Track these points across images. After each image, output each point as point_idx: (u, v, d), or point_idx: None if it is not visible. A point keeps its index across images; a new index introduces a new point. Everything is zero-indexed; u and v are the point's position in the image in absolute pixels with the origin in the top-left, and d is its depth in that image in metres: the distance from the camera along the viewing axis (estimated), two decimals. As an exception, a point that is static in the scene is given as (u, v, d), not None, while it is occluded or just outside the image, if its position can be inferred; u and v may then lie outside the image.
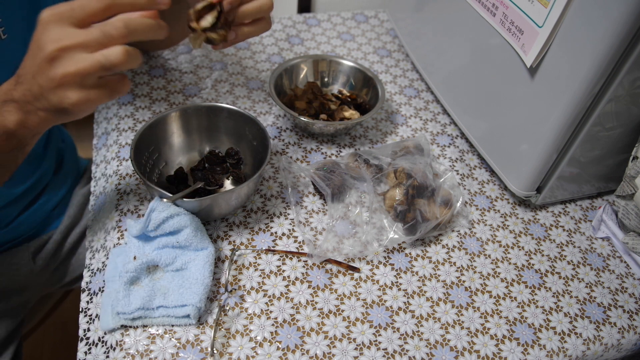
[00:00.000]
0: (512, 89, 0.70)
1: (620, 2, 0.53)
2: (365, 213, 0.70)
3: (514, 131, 0.72)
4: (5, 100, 0.51)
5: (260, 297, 0.62)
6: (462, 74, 0.82)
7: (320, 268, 0.66)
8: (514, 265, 0.70)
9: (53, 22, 0.47)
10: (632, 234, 0.72)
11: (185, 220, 0.61)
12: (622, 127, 0.67)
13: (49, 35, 0.46)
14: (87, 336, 0.59)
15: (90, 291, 0.63)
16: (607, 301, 0.68)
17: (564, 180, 0.73)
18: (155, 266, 0.61)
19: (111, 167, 0.75)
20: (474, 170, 0.83)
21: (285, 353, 0.58)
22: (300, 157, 0.80)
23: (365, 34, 1.08)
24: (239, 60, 0.96)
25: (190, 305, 0.57)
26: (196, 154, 0.76)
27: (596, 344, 0.64)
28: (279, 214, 0.71)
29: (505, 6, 0.67)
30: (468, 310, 0.65)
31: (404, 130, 0.87)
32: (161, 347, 0.57)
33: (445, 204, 0.71)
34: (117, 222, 0.68)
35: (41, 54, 0.47)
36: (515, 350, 0.62)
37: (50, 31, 0.47)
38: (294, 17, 1.10)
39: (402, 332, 0.61)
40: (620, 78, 0.59)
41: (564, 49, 0.61)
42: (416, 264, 0.68)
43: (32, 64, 0.48)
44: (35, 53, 0.47)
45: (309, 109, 0.83)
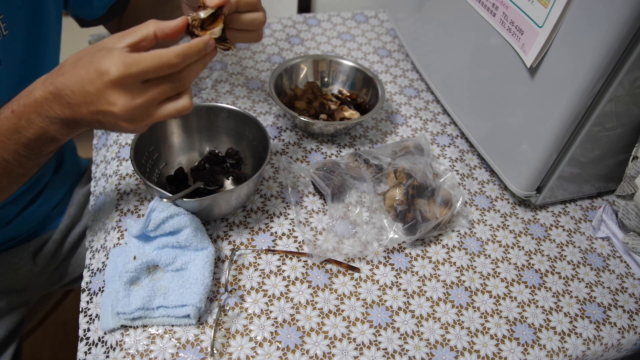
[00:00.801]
0: (512, 89, 0.70)
1: (620, 2, 0.53)
2: (365, 213, 0.70)
3: (514, 131, 0.72)
4: (48, 116, 0.52)
5: (260, 297, 0.62)
6: (462, 74, 0.82)
7: (320, 268, 0.66)
8: (514, 265, 0.70)
9: (125, 83, 0.48)
10: (632, 234, 0.72)
11: (185, 220, 0.61)
12: (622, 127, 0.67)
13: (121, 99, 0.48)
14: (87, 336, 0.59)
15: (90, 291, 0.63)
16: (607, 301, 0.68)
17: (564, 180, 0.73)
18: (155, 266, 0.61)
19: (111, 167, 0.75)
20: (474, 170, 0.83)
21: (285, 353, 0.58)
22: (300, 157, 0.80)
23: (365, 34, 1.08)
24: (239, 60, 0.96)
25: (190, 305, 0.57)
26: (196, 154, 0.76)
27: (596, 344, 0.64)
28: (279, 214, 0.71)
29: (505, 6, 0.67)
30: (468, 310, 0.65)
31: (404, 130, 0.87)
32: (161, 347, 0.57)
33: (445, 204, 0.71)
34: (117, 222, 0.68)
35: (111, 108, 0.49)
36: (515, 350, 0.62)
37: (121, 94, 0.48)
38: (294, 17, 1.10)
39: (402, 332, 0.61)
40: (620, 78, 0.59)
41: (564, 49, 0.61)
42: (416, 264, 0.68)
43: (91, 104, 0.49)
44: (99, 101, 0.49)
45: (309, 109, 0.83)
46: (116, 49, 0.48)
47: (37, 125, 0.52)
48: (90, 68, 0.48)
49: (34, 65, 0.70)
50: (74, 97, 0.49)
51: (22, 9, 0.65)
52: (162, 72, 0.49)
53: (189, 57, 0.50)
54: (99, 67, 0.47)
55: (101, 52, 0.49)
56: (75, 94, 0.49)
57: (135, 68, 0.47)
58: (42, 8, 0.68)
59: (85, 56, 0.49)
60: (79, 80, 0.48)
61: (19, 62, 0.67)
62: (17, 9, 0.64)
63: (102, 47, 0.49)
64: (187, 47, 0.50)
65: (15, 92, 0.68)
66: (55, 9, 0.71)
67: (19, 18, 0.64)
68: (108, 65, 0.47)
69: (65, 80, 0.49)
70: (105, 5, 0.79)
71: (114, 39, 0.50)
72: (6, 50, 0.64)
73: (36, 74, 0.71)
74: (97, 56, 0.48)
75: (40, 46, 0.70)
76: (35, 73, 0.71)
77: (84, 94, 0.49)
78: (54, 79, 0.50)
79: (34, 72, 0.71)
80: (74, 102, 0.49)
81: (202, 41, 0.51)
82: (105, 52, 0.48)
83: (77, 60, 0.50)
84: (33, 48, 0.69)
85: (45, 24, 0.69)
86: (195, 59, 0.51)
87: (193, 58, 0.50)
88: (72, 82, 0.49)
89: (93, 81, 0.48)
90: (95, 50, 0.49)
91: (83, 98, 0.49)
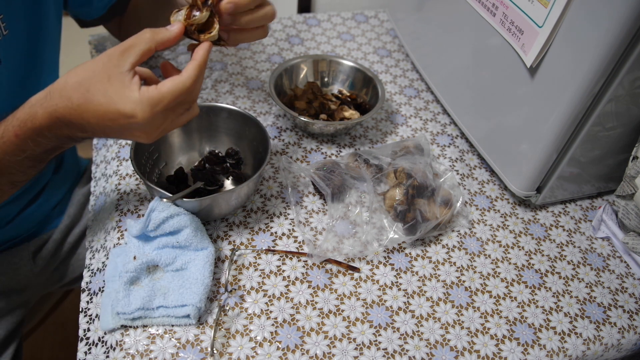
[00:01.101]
0: (512, 89, 0.70)
1: (620, 2, 0.53)
2: (365, 213, 0.70)
3: (514, 131, 0.72)
4: (69, 136, 0.53)
5: (260, 297, 0.62)
6: (462, 74, 0.82)
7: (320, 268, 0.66)
8: (514, 265, 0.70)
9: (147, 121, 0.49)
10: (632, 234, 0.72)
11: (185, 220, 0.61)
12: (622, 127, 0.67)
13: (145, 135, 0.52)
14: (87, 336, 0.59)
15: (90, 291, 0.62)
16: (607, 301, 0.68)
17: (564, 180, 0.73)
18: (155, 266, 0.61)
19: (111, 167, 0.75)
20: (474, 170, 0.83)
21: (285, 353, 0.58)
22: (300, 157, 0.80)
23: (365, 34, 1.08)
24: (239, 60, 0.96)
25: (190, 305, 0.57)
26: (196, 154, 0.76)
27: (596, 344, 0.64)
28: (279, 214, 0.71)
29: (505, 6, 0.67)
30: (468, 310, 0.65)
31: (404, 130, 0.87)
32: (161, 347, 0.57)
33: (445, 204, 0.71)
34: (117, 222, 0.68)
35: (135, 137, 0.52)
36: (515, 350, 0.62)
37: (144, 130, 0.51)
38: (294, 17, 1.10)
39: (402, 332, 0.61)
40: (620, 78, 0.59)
41: (564, 49, 0.61)
42: (416, 264, 0.68)
43: (113, 134, 0.52)
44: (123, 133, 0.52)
45: (309, 109, 0.83)
46: (125, 75, 0.48)
47: (45, 144, 0.53)
48: (111, 107, 0.48)
49: (34, 65, 0.70)
50: (91, 127, 0.51)
51: (22, 8, 0.65)
52: (181, 99, 0.50)
53: (201, 76, 0.52)
54: (123, 110, 0.48)
55: (115, 86, 0.48)
56: (93, 125, 0.50)
57: (160, 107, 0.49)
58: (42, 8, 0.68)
59: (95, 85, 0.49)
60: (98, 117, 0.49)
61: (19, 62, 0.67)
62: (17, 9, 0.64)
63: (109, 75, 0.48)
64: (198, 68, 0.51)
65: (15, 92, 0.68)
66: (56, 9, 0.71)
67: (19, 18, 0.64)
68: (133, 110, 0.48)
69: (78, 113, 0.49)
70: (105, 6, 0.79)
71: (115, 60, 0.49)
72: (6, 50, 0.64)
73: (36, 74, 0.71)
74: (113, 91, 0.48)
75: (40, 46, 0.70)
76: (35, 73, 0.71)
77: (105, 127, 0.50)
78: (59, 106, 0.50)
79: (34, 72, 0.71)
80: (90, 130, 0.51)
81: (206, 52, 0.53)
82: (121, 86, 0.48)
83: (85, 91, 0.49)
84: (33, 48, 0.69)
85: (45, 24, 0.69)
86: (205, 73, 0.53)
87: (204, 74, 0.53)
88: (89, 116, 0.49)
89: (116, 120, 0.49)
90: (103, 78, 0.49)
91: (103, 129, 0.51)
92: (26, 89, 0.70)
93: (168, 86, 0.49)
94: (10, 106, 0.66)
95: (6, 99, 0.66)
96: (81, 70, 0.50)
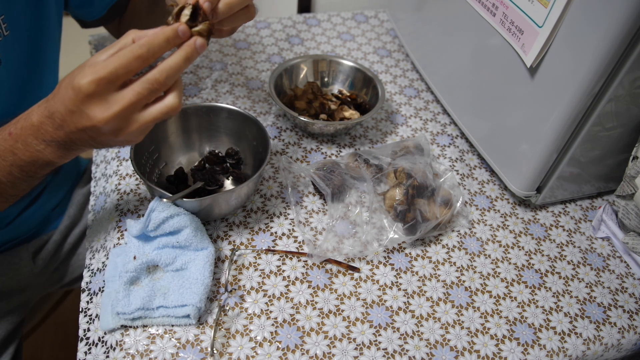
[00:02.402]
0: (512, 89, 0.70)
1: (620, 2, 0.53)
2: (365, 213, 0.70)
3: (514, 131, 0.72)
4: (44, 140, 0.51)
5: (260, 297, 0.62)
6: (462, 74, 0.82)
7: (320, 268, 0.66)
8: (514, 265, 0.70)
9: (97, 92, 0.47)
10: (632, 234, 0.72)
11: (185, 220, 0.61)
12: (622, 127, 0.67)
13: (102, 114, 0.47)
14: (87, 336, 0.59)
15: (90, 291, 0.63)
16: (607, 301, 0.68)
17: (564, 180, 0.73)
18: (155, 266, 0.61)
19: (111, 167, 0.75)
20: (474, 170, 0.83)
21: (285, 353, 0.58)
22: (300, 157, 0.80)
23: (365, 34, 1.08)
24: (239, 60, 0.96)
25: (190, 305, 0.57)
26: (196, 154, 0.76)
27: (596, 344, 0.64)
28: (279, 214, 0.71)
29: (505, 6, 0.67)
30: (468, 310, 0.65)
31: (404, 130, 0.87)
32: (161, 347, 0.57)
33: (445, 204, 0.71)
34: (117, 222, 0.68)
35: (91, 123, 0.48)
36: (515, 350, 0.62)
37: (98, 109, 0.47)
38: (294, 17, 1.10)
39: (402, 332, 0.61)
40: (620, 78, 0.59)
41: (564, 49, 0.61)
42: (416, 264, 0.68)
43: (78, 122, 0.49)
44: (82, 119, 0.48)
45: (309, 109, 0.83)
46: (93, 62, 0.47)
47: (33, 149, 0.52)
48: (69, 87, 0.47)
49: (34, 66, 0.70)
50: (62, 118, 0.49)
51: (23, 9, 0.65)
52: (132, 67, 0.47)
53: (156, 46, 0.47)
54: (74, 83, 0.47)
55: (79, 69, 0.48)
56: (62, 114, 0.49)
57: (102, 71, 0.46)
58: (43, 9, 0.68)
59: (69, 75, 0.49)
60: (62, 101, 0.48)
61: (20, 62, 0.67)
62: (18, 10, 0.64)
63: (84, 63, 0.48)
64: (152, 36, 0.47)
65: (16, 92, 0.68)
66: (56, 9, 0.71)
67: (20, 18, 0.64)
68: (79, 79, 0.46)
69: (54, 102, 0.49)
70: (105, 6, 0.79)
71: (98, 53, 0.49)
72: (7, 51, 0.64)
73: (37, 75, 0.71)
74: (74, 73, 0.48)
75: (41, 47, 0.70)
76: (35, 73, 0.71)
77: (69, 113, 0.48)
78: (48, 102, 0.50)
79: (34, 73, 0.71)
80: (63, 123, 0.49)
81: (172, 28, 0.48)
82: (81, 67, 0.47)
83: (62, 81, 0.49)
84: (34, 48, 0.69)
85: (46, 24, 0.69)
86: (165, 47, 0.48)
87: (162, 46, 0.48)
88: (58, 103, 0.49)
89: (71, 99, 0.47)
90: (79, 67, 0.49)
91: (69, 117, 0.48)
92: (27, 89, 0.70)
93: (115, 54, 0.47)
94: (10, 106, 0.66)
95: (7, 99, 0.66)
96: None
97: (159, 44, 0.48)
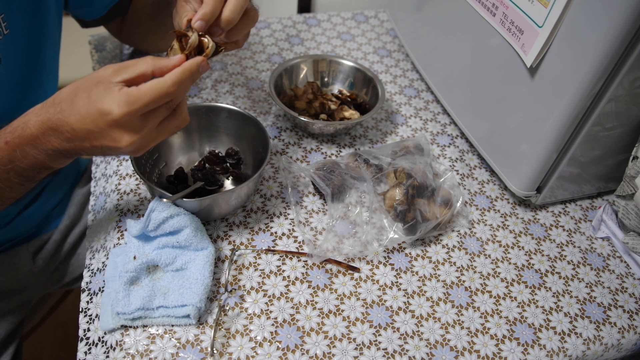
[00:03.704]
0: (512, 89, 0.70)
1: (620, 2, 0.53)
2: (365, 213, 0.70)
3: (514, 131, 0.72)
4: (47, 149, 0.52)
5: (260, 297, 0.62)
6: (462, 74, 0.82)
7: (320, 268, 0.66)
8: (514, 265, 0.70)
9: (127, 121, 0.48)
10: (632, 234, 0.72)
11: (185, 220, 0.61)
12: (622, 127, 0.67)
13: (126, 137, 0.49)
14: (87, 336, 0.59)
15: (90, 291, 0.63)
16: (607, 301, 0.68)
17: (564, 180, 0.73)
18: (155, 266, 0.61)
19: (111, 167, 0.75)
20: (474, 170, 0.83)
21: (285, 353, 0.58)
22: (300, 157, 0.80)
23: (365, 34, 1.08)
24: (239, 60, 0.96)
25: (190, 305, 0.57)
26: (196, 154, 0.76)
27: (596, 343, 0.64)
28: (279, 214, 0.71)
29: (505, 6, 0.67)
30: (468, 310, 0.65)
31: (404, 130, 0.87)
32: (161, 347, 0.57)
33: (445, 204, 0.71)
34: (117, 222, 0.68)
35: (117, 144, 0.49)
36: (515, 350, 0.62)
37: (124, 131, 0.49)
38: (294, 17, 1.10)
39: (402, 332, 0.61)
40: (620, 78, 0.59)
41: (564, 49, 0.61)
42: (416, 264, 0.68)
43: (94, 139, 0.50)
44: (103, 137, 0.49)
45: (309, 109, 0.83)
46: (113, 84, 0.48)
47: (33, 157, 0.52)
48: (91, 107, 0.48)
49: (34, 65, 0.70)
50: (75, 134, 0.49)
51: (23, 8, 0.65)
52: (162, 102, 0.49)
53: (185, 82, 0.50)
54: (101, 108, 0.47)
55: (99, 89, 0.48)
56: (76, 131, 0.49)
57: (137, 105, 0.48)
58: (43, 8, 0.68)
59: (82, 91, 0.49)
60: (80, 119, 0.48)
61: (20, 61, 0.67)
62: (18, 8, 0.64)
63: (98, 81, 0.49)
64: (181, 73, 0.50)
65: (15, 91, 0.68)
66: (56, 8, 0.71)
67: (20, 17, 0.64)
68: (110, 106, 0.47)
69: (64, 117, 0.49)
70: (106, 6, 0.79)
71: (110, 71, 0.49)
72: (7, 50, 0.64)
73: (36, 74, 0.71)
74: (96, 93, 0.48)
75: (40, 46, 0.70)
76: (35, 73, 0.71)
77: (86, 132, 0.49)
78: (51, 114, 0.50)
79: (34, 72, 0.71)
80: (75, 137, 0.50)
81: (195, 63, 0.51)
82: (104, 89, 0.48)
83: (73, 96, 0.49)
84: (33, 48, 0.69)
85: (46, 23, 0.69)
86: (192, 83, 0.52)
87: (189, 82, 0.51)
88: (72, 119, 0.49)
89: (95, 120, 0.48)
90: (91, 84, 0.49)
91: (85, 135, 0.49)
92: (26, 88, 0.70)
93: (148, 85, 0.48)
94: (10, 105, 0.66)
95: (6, 99, 0.66)
96: (76, 81, 0.51)
97: (187, 81, 0.51)
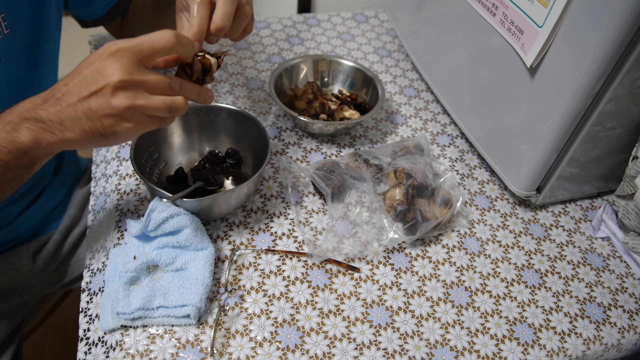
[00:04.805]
0: (512, 89, 0.70)
1: (620, 2, 0.53)
2: (365, 213, 0.70)
3: (514, 131, 0.72)
4: (26, 118, 0.49)
5: (260, 297, 0.62)
6: (462, 74, 0.82)
7: (320, 268, 0.66)
8: (514, 265, 0.70)
9: (121, 54, 0.48)
10: (632, 234, 0.72)
11: (185, 220, 0.61)
12: (622, 127, 0.67)
13: (117, 66, 0.47)
14: (87, 336, 0.59)
15: (90, 291, 0.63)
16: (607, 301, 0.68)
17: (564, 180, 0.73)
18: (155, 266, 0.61)
19: (111, 167, 0.75)
20: (474, 170, 0.83)
21: (285, 353, 0.58)
22: (300, 157, 0.80)
23: (365, 34, 1.08)
24: (239, 60, 0.96)
25: (190, 305, 0.57)
26: (196, 154, 0.76)
27: (596, 343, 0.64)
28: (279, 214, 0.71)
29: (505, 6, 0.67)
30: (468, 310, 0.65)
31: (404, 130, 0.87)
32: (161, 347, 0.57)
33: (445, 204, 0.71)
34: (117, 222, 0.68)
35: (104, 81, 0.47)
36: (515, 350, 0.62)
37: (118, 62, 0.47)
38: (294, 17, 1.10)
39: (402, 332, 0.61)
40: (620, 78, 0.59)
41: (564, 49, 0.61)
42: (416, 264, 0.68)
43: (84, 87, 0.48)
44: (94, 78, 0.47)
45: (309, 109, 0.83)
46: None
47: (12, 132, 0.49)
48: (85, 59, 0.49)
49: (34, 65, 0.70)
50: (66, 89, 0.48)
51: (23, 7, 0.65)
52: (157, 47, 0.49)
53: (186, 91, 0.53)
54: (95, 52, 0.49)
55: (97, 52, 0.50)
56: (67, 85, 0.48)
57: (128, 43, 0.48)
58: (43, 7, 0.68)
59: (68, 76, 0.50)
60: (75, 73, 0.49)
61: (19, 61, 0.67)
62: (18, 8, 0.64)
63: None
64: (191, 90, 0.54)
65: (15, 91, 0.68)
66: (57, 8, 0.71)
67: (20, 17, 0.64)
68: (103, 46, 0.48)
69: (59, 85, 0.50)
70: (105, 6, 0.79)
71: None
72: (6, 49, 0.64)
73: (36, 74, 0.71)
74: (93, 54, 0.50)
75: (40, 45, 0.70)
76: (35, 72, 0.71)
77: (82, 77, 0.48)
78: (42, 94, 0.50)
79: (34, 72, 0.71)
80: (65, 92, 0.48)
81: (203, 91, 0.56)
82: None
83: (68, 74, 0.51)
84: (33, 47, 0.69)
85: (46, 23, 0.70)
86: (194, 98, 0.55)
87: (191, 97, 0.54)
88: (67, 78, 0.49)
89: (88, 60, 0.49)
90: None
91: (80, 81, 0.48)
92: (26, 88, 0.70)
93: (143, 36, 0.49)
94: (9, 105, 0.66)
95: (5, 98, 0.66)
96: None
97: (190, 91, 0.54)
